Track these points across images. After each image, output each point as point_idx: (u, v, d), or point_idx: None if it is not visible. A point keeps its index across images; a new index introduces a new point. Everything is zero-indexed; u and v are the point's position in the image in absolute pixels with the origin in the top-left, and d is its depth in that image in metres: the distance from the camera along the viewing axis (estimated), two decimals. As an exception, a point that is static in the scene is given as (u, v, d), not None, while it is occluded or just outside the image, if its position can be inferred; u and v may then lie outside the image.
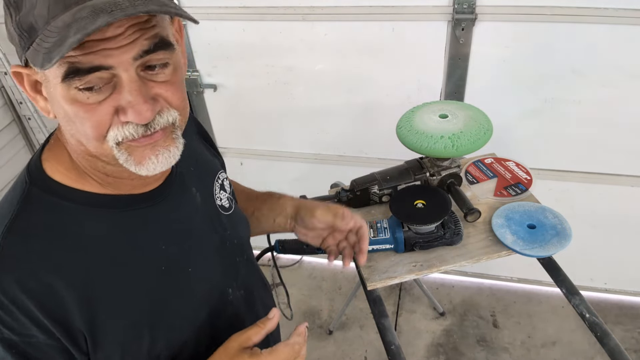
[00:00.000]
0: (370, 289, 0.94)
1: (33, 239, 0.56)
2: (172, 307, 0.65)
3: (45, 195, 0.58)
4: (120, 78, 0.50)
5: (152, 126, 0.54)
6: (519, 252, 0.95)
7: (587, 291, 2.01)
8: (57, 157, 0.60)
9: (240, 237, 0.81)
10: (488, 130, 1.03)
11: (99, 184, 0.60)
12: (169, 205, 0.67)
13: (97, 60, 0.48)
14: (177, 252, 0.66)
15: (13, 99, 2.16)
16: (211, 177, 0.78)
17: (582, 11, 1.31)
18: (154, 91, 0.53)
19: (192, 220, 0.70)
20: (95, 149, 0.55)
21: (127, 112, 0.51)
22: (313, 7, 1.50)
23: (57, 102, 0.52)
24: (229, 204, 0.80)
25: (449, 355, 1.93)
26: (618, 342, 0.83)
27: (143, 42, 0.50)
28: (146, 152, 0.55)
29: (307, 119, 1.80)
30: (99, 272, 0.59)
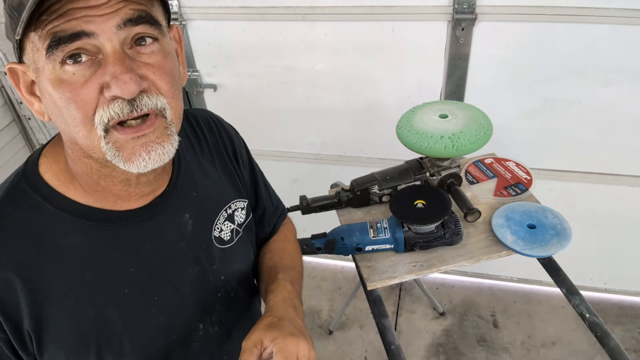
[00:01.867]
0: (370, 289, 0.94)
1: (2, 231, 0.55)
2: (125, 331, 0.62)
3: (30, 192, 0.58)
4: (105, 51, 0.49)
5: (137, 106, 0.51)
6: (519, 252, 0.95)
7: (587, 291, 2.01)
8: (54, 157, 0.60)
9: (230, 272, 0.75)
10: (488, 130, 1.03)
11: (85, 192, 0.59)
12: (152, 228, 0.64)
13: (79, 26, 0.47)
14: (145, 278, 0.63)
15: (13, 99, 2.16)
16: (217, 207, 0.74)
17: (582, 11, 1.31)
18: (141, 71, 0.51)
19: (173, 248, 0.66)
20: (84, 140, 0.52)
21: (111, 85, 0.49)
22: (313, 7, 1.50)
23: (47, 92, 0.51)
24: (229, 237, 0.75)
25: (449, 355, 1.93)
26: (618, 342, 0.83)
27: (127, 11, 0.49)
28: (136, 148, 0.53)
29: (307, 119, 1.80)
30: (58, 280, 0.57)
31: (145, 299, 0.64)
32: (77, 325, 0.59)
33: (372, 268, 0.96)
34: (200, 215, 0.70)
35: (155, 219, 0.64)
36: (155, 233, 0.64)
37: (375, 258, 0.98)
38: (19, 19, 0.47)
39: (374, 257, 0.99)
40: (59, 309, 0.58)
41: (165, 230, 0.65)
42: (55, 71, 0.49)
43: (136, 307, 0.63)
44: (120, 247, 0.61)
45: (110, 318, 0.61)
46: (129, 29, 0.50)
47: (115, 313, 0.61)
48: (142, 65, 0.52)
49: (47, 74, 0.49)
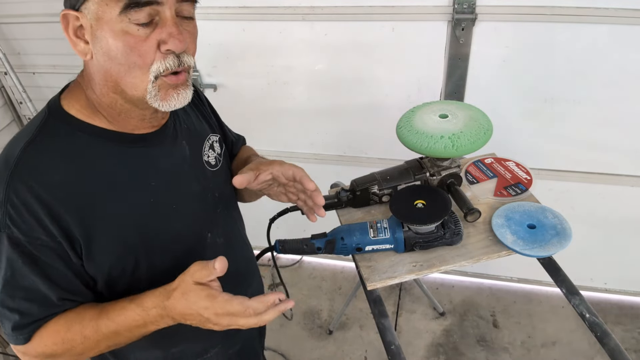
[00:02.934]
0: (370, 289, 0.94)
1: (47, 156, 0.66)
2: (156, 236, 0.76)
3: (60, 125, 0.69)
4: (164, 16, 0.64)
5: (182, 62, 0.67)
6: (519, 252, 0.95)
7: (587, 291, 2.01)
8: (75, 97, 0.72)
9: (221, 191, 0.90)
10: (488, 130, 1.03)
11: (108, 121, 0.71)
12: (163, 149, 0.78)
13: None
14: (164, 190, 0.77)
15: (13, 99, 2.16)
16: (202, 137, 0.89)
17: (582, 11, 1.31)
18: (184, 35, 0.67)
19: (180, 167, 0.81)
20: (134, 80, 0.66)
21: (168, 42, 0.64)
22: (313, 7, 1.50)
23: (105, 38, 0.63)
24: (215, 162, 0.90)
25: (449, 355, 1.93)
26: (618, 342, 0.83)
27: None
28: (170, 92, 0.69)
29: (307, 119, 1.80)
30: (99, 194, 0.69)
31: (167, 207, 0.77)
32: (120, 234, 0.71)
33: (372, 268, 0.96)
34: (192, 143, 0.85)
35: (165, 142, 0.79)
36: (166, 154, 0.79)
37: (375, 258, 0.98)
38: None
39: (374, 257, 0.98)
40: (104, 221, 0.69)
41: (172, 152, 0.80)
42: (123, 24, 0.62)
43: (161, 214, 0.76)
44: (143, 164, 0.75)
45: (145, 224, 0.74)
46: (184, 3, 0.67)
47: (146, 220, 0.74)
48: (183, 31, 0.67)
49: (113, 25, 0.62)
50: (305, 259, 2.40)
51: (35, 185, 0.64)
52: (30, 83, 2.05)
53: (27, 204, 0.64)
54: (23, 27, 1.89)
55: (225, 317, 0.66)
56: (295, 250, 1.00)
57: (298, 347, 2.01)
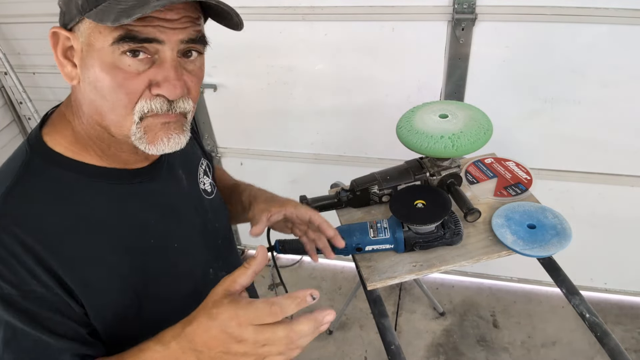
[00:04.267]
0: (370, 289, 0.94)
1: (32, 202, 0.59)
2: (159, 278, 0.69)
3: (45, 165, 0.62)
4: (164, 56, 0.57)
5: (174, 107, 0.60)
6: (519, 252, 0.95)
7: (587, 291, 2.01)
8: (60, 132, 0.64)
9: (220, 221, 0.85)
10: (488, 130, 1.03)
11: (98, 156, 0.65)
12: (160, 183, 0.72)
13: (154, 33, 0.55)
14: (164, 227, 0.71)
15: (13, 99, 2.16)
16: (195, 162, 0.84)
17: (582, 11, 1.31)
18: (184, 77, 0.60)
19: (179, 200, 0.75)
20: (117, 118, 0.59)
21: (162, 86, 0.58)
22: (313, 7, 1.50)
23: (92, 69, 0.57)
24: (211, 189, 0.85)
25: (449, 355, 1.93)
26: (618, 342, 0.83)
27: (191, 31, 0.58)
28: (159, 134, 0.61)
29: (307, 119, 1.80)
30: (92, 239, 0.62)
31: (168, 247, 0.71)
32: (118, 281, 0.64)
33: (372, 268, 0.96)
34: (188, 170, 0.80)
35: (161, 175, 0.73)
36: (163, 188, 0.72)
37: (375, 258, 0.98)
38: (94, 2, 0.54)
39: (374, 257, 0.99)
40: (99, 268, 0.63)
41: (170, 185, 0.74)
42: (114, 56, 0.56)
43: (163, 255, 0.70)
44: (140, 202, 0.68)
45: (144, 269, 0.67)
46: (188, 45, 0.59)
47: (148, 263, 0.68)
48: (185, 74, 0.61)
49: (104, 55, 0.56)
50: (305, 259, 2.40)
51: (22, 235, 0.57)
52: (30, 83, 2.05)
53: (15, 255, 0.56)
54: (23, 27, 1.88)
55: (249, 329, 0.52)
56: (295, 250, 1.00)
57: (298, 347, 2.01)
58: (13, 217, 0.57)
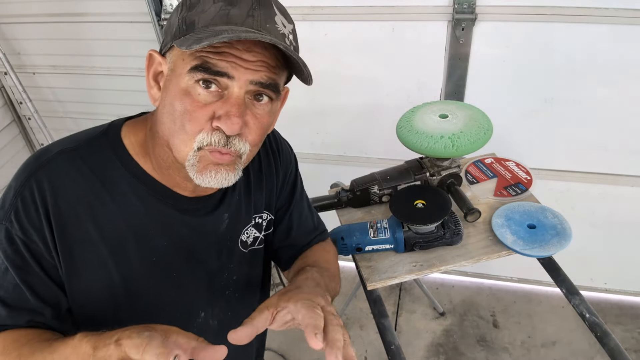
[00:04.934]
0: (370, 289, 0.94)
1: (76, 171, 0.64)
2: (142, 294, 0.71)
3: (108, 148, 0.67)
4: (232, 92, 0.60)
5: (230, 144, 0.62)
6: (519, 252, 0.95)
7: (587, 291, 2.01)
8: (135, 128, 0.70)
9: (242, 275, 0.83)
10: (488, 130, 1.03)
11: (153, 168, 0.69)
12: (191, 217, 0.73)
13: (226, 68, 0.58)
14: (173, 254, 0.72)
15: (13, 99, 2.16)
16: (252, 212, 0.81)
17: (582, 11, 1.31)
18: (246, 118, 0.62)
19: (204, 238, 0.75)
20: (178, 142, 0.62)
21: (222, 119, 0.60)
22: (313, 7, 1.50)
23: (171, 93, 0.61)
24: (251, 242, 0.83)
25: (449, 355, 1.93)
26: (618, 342, 0.83)
27: (263, 75, 0.60)
28: (210, 167, 0.63)
29: (307, 119, 1.80)
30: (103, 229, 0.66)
31: (166, 272, 0.72)
32: (106, 276, 0.67)
33: (372, 268, 0.96)
34: (236, 217, 0.79)
35: (199, 211, 0.73)
36: (194, 222, 0.73)
37: (375, 258, 0.98)
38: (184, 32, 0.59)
39: (374, 257, 0.99)
40: (94, 256, 0.66)
41: (203, 222, 0.74)
42: (189, 83, 0.60)
43: (156, 275, 0.71)
44: (164, 222, 0.70)
45: (133, 277, 0.69)
46: (257, 87, 0.61)
47: (138, 274, 0.69)
48: (249, 114, 0.62)
49: (180, 81, 0.60)
50: (305, 259, 2.39)
51: (50, 191, 0.63)
52: (30, 83, 2.05)
53: (36, 205, 0.63)
54: (23, 27, 1.88)
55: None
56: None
57: (298, 347, 2.01)
58: (56, 171, 0.63)
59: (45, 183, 0.63)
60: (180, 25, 0.60)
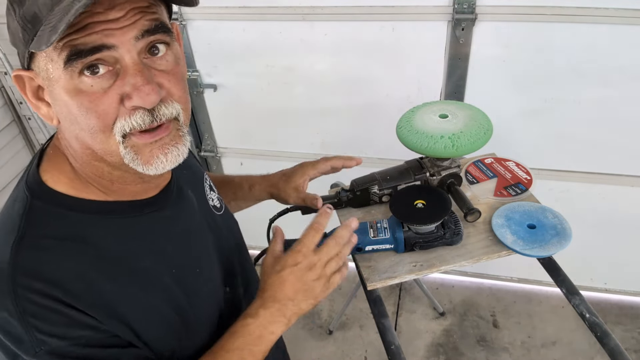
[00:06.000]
0: (370, 289, 0.94)
1: (45, 251, 0.54)
2: (191, 308, 0.65)
3: (49, 207, 0.57)
4: (124, 62, 0.50)
5: (157, 116, 0.53)
6: (519, 252, 0.95)
7: (587, 291, 2.01)
8: (58, 168, 0.59)
9: (234, 236, 0.83)
10: (488, 130, 1.03)
11: (102, 192, 0.60)
12: (172, 209, 0.67)
13: (100, 39, 0.48)
14: (183, 254, 0.67)
15: (13, 99, 2.16)
16: (200, 179, 0.80)
17: (582, 11, 1.31)
18: (157, 79, 0.53)
19: (193, 222, 0.71)
20: (101, 145, 0.54)
21: (133, 96, 0.51)
22: (313, 7, 1.50)
23: (61, 100, 0.52)
24: (220, 204, 0.81)
25: (449, 355, 1.93)
26: (618, 342, 0.83)
27: (144, 22, 0.50)
28: (154, 152, 0.55)
29: (307, 119, 1.80)
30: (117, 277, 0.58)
31: (191, 275, 0.68)
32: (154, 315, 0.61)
33: (372, 268, 0.96)
34: (196, 188, 0.76)
35: (172, 201, 0.68)
36: (176, 213, 0.68)
37: (375, 258, 0.98)
38: (33, 31, 0.48)
39: (374, 257, 0.98)
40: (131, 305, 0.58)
41: (182, 207, 0.70)
42: (73, 81, 0.50)
43: (188, 283, 0.66)
44: (155, 233, 0.64)
45: (177, 298, 0.64)
46: (146, 39, 0.51)
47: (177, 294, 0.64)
48: (157, 74, 0.53)
49: (63, 83, 0.50)
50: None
51: (48, 290, 0.52)
52: (30, 83, 2.05)
53: (51, 308, 0.52)
54: (23, 27, 1.88)
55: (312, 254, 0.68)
56: (296, 250, 0.99)
57: (298, 347, 2.01)
58: (31, 271, 0.53)
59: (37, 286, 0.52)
60: (24, 26, 0.49)
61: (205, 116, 1.91)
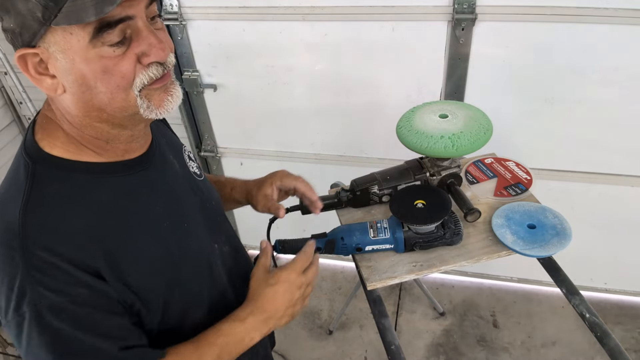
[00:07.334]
0: (370, 289, 0.94)
1: (50, 210, 0.60)
2: (182, 260, 0.72)
3: (50, 170, 0.63)
4: (137, 27, 0.58)
5: (167, 66, 0.62)
6: (519, 252, 0.95)
7: (587, 291, 2.01)
8: (51, 135, 0.65)
9: (215, 199, 0.89)
10: (488, 130, 1.03)
11: (95, 153, 0.66)
12: (157, 169, 0.73)
13: (124, 11, 0.55)
14: (172, 210, 0.73)
15: (13, 99, 2.16)
16: (179, 148, 0.86)
17: (582, 11, 1.31)
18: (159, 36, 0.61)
19: (176, 182, 0.77)
20: (121, 103, 0.60)
21: (151, 53, 0.59)
22: (313, 7, 1.50)
23: (77, 71, 0.57)
24: (199, 172, 0.87)
25: (449, 355, 1.93)
26: (618, 342, 0.83)
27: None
28: (162, 95, 0.64)
29: (307, 119, 1.80)
30: (117, 232, 0.64)
31: (180, 228, 0.73)
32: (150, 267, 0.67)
33: (372, 268, 0.97)
34: (176, 155, 0.82)
35: (156, 162, 0.74)
36: (162, 172, 0.74)
37: (375, 258, 0.98)
38: (56, 8, 0.53)
39: (374, 257, 0.99)
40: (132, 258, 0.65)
41: (166, 169, 0.76)
42: (96, 50, 0.56)
43: (179, 236, 0.72)
44: (146, 189, 0.70)
45: (169, 249, 0.70)
46: (151, 8, 0.60)
47: (170, 244, 0.70)
48: (157, 32, 0.61)
49: (85, 53, 0.56)
50: (305, 259, 2.39)
51: (53, 244, 0.58)
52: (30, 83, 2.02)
53: (54, 265, 0.58)
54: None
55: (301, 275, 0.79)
56: (296, 250, 1.00)
57: (298, 347, 2.01)
58: (39, 230, 0.58)
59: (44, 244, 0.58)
60: (45, 4, 0.52)
61: (205, 116, 1.91)
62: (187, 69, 1.76)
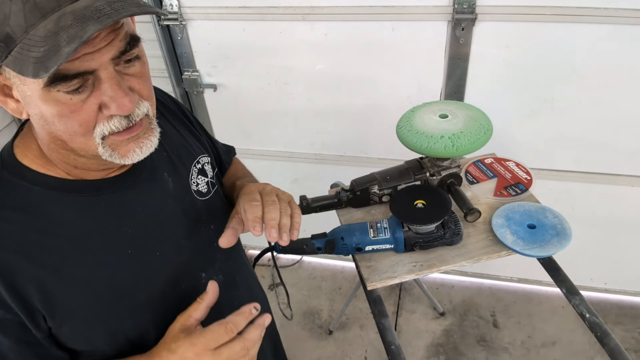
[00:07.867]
0: (370, 289, 0.94)
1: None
2: (139, 289, 0.67)
3: (14, 179, 0.60)
4: (101, 79, 0.53)
5: (132, 118, 0.57)
6: (519, 252, 0.95)
7: (587, 291, 2.01)
8: (26, 145, 0.63)
9: (217, 222, 0.80)
10: (488, 130, 1.03)
11: (65, 172, 0.63)
12: (137, 190, 0.69)
13: (82, 66, 0.51)
14: (144, 237, 0.68)
15: (13, 99, 2.16)
16: (188, 162, 0.79)
17: (582, 11, 1.31)
18: (129, 84, 0.57)
19: (162, 205, 0.72)
20: (79, 145, 0.57)
21: (111, 106, 0.54)
22: (313, 7, 1.50)
23: (34, 104, 0.54)
24: (207, 189, 0.81)
25: (449, 355, 1.93)
26: (618, 342, 0.83)
27: (118, 43, 0.53)
28: (130, 146, 0.59)
29: (307, 119, 1.80)
30: (61, 253, 0.61)
31: (149, 256, 0.68)
32: (90, 293, 0.63)
33: (372, 268, 0.96)
34: (176, 172, 0.76)
35: (139, 181, 0.69)
36: (143, 194, 0.69)
37: (375, 258, 0.98)
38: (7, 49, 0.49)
39: (374, 257, 0.98)
40: (69, 281, 0.61)
41: (151, 190, 0.71)
42: (51, 94, 0.52)
43: (141, 265, 0.67)
44: (114, 212, 0.66)
45: (119, 280, 0.65)
46: (121, 58, 0.54)
47: (123, 274, 0.65)
48: (128, 78, 0.57)
49: (39, 94, 0.52)
50: (305, 259, 2.40)
51: None
52: (30, 83, 2.05)
53: None
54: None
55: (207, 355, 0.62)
56: (295, 250, 1.00)
57: (298, 347, 2.01)
58: None
59: None
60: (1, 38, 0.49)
61: (205, 116, 1.91)
62: (187, 69, 1.76)
